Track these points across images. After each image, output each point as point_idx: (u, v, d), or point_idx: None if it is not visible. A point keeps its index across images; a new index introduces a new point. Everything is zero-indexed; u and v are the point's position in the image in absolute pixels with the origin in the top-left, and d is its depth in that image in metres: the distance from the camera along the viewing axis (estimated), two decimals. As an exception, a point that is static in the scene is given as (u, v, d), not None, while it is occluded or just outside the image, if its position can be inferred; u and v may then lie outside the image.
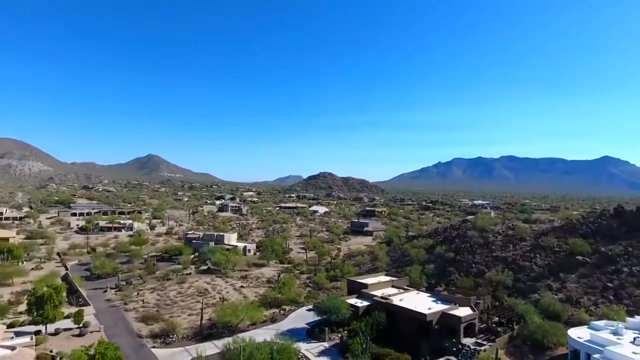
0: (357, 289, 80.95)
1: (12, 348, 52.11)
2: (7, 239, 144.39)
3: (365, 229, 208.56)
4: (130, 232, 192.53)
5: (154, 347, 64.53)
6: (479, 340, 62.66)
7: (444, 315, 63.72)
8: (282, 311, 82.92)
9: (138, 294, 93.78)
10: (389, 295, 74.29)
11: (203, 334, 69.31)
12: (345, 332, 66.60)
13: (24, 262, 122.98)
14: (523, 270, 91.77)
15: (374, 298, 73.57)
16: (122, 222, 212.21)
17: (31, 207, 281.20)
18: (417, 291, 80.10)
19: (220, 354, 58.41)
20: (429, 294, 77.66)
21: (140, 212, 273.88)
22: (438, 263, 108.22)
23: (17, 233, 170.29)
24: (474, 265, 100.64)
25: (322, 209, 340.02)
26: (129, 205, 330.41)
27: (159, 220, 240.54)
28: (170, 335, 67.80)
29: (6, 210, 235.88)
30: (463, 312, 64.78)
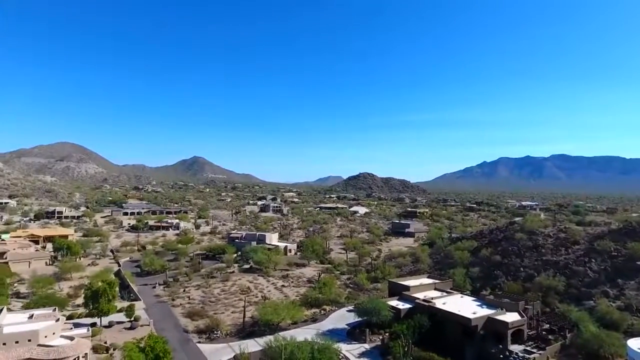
0: (398, 291, 79.77)
1: (71, 338, 55.63)
2: (66, 236, 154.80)
3: (407, 230, 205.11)
4: (177, 231, 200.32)
5: (199, 342, 66.72)
6: (528, 348, 59.79)
7: (490, 320, 61.41)
8: (322, 311, 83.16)
9: (184, 290, 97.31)
10: (432, 298, 72.58)
11: (245, 331, 70.82)
12: (387, 334, 65.74)
13: (81, 258, 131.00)
14: (576, 276, 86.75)
15: (416, 301, 72.17)
16: (169, 221, 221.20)
17: (87, 207, 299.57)
18: (461, 295, 77.74)
19: (262, 351, 59.37)
20: (474, 298, 75.14)
21: (186, 212, 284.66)
22: (483, 266, 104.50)
23: (75, 231, 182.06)
24: (522, 269, 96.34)
25: (362, 210, 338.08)
26: (176, 205, 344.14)
27: (204, 220, 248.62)
28: (215, 332, 69.83)
29: (65, 210, 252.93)
30: (510, 317, 62.15)
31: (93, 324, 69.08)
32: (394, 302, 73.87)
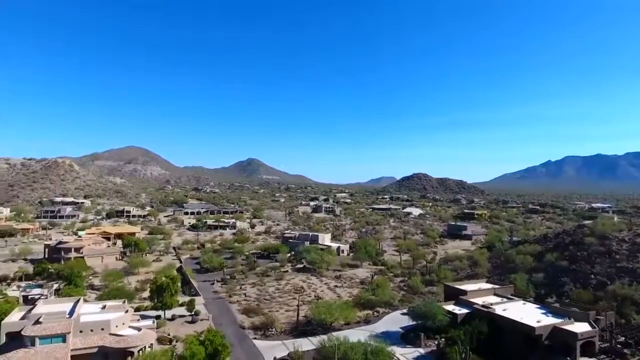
0: (454, 295, 77.10)
1: (139, 329, 59.45)
2: (134, 234, 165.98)
3: (464, 232, 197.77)
4: (234, 231, 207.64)
5: (255, 338, 68.62)
6: (600, 362, 55.38)
7: (556, 329, 57.55)
8: (375, 313, 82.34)
9: (241, 288, 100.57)
10: (491, 304, 69.34)
11: (299, 329, 71.79)
12: (442, 339, 63.73)
13: (147, 255, 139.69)
14: (657, 285, 78.88)
15: (474, 306, 69.32)
16: (226, 221, 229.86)
17: (152, 207, 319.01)
18: (523, 301, 73.57)
19: (315, 350, 59.91)
20: (538, 305, 70.82)
21: (242, 212, 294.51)
22: (548, 272, 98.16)
23: (142, 229, 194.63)
24: (592, 276, 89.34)
25: (416, 211, 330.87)
26: (232, 205, 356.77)
27: (259, 220, 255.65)
28: (270, 329, 71.47)
29: (133, 209, 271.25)
30: (580, 328, 57.85)
31: (158, 317, 73.31)
32: (450, 307, 71.47)
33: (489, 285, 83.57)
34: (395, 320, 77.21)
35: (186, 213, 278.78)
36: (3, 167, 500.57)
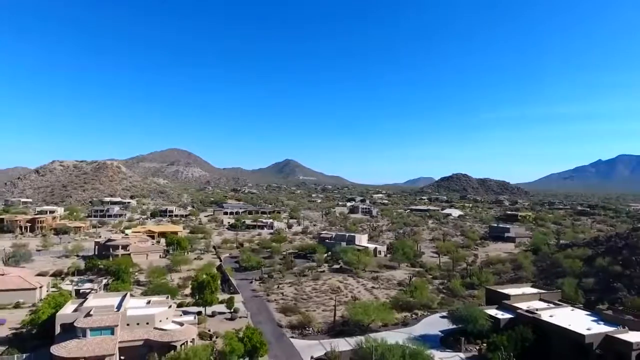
0: (497, 300, 74.41)
1: (181, 324, 61.49)
2: (176, 233, 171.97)
3: (506, 234, 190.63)
4: (271, 230, 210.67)
5: (292, 337, 69.18)
6: (659, 374, 51.57)
7: (608, 338, 54.19)
8: (413, 315, 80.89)
9: (278, 287, 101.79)
10: (537, 309, 66.31)
11: (336, 329, 71.70)
12: (484, 344, 61.63)
13: (188, 253, 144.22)
14: None
15: (518, 311, 66.58)
16: (264, 221, 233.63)
17: (193, 207, 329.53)
18: (571, 307, 69.91)
19: (352, 351, 59.58)
20: (588, 312, 67.08)
21: (279, 212, 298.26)
22: (599, 277, 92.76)
23: (183, 228, 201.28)
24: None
25: (456, 212, 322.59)
26: (270, 205, 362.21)
27: (296, 220, 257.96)
28: (307, 328, 71.84)
29: (175, 209, 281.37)
30: (635, 337, 54.16)
31: (199, 313, 75.50)
32: (492, 311, 69.03)
33: (534, 290, 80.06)
34: (434, 323, 75.51)
35: (225, 213, 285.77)
36: (58, 169, 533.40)
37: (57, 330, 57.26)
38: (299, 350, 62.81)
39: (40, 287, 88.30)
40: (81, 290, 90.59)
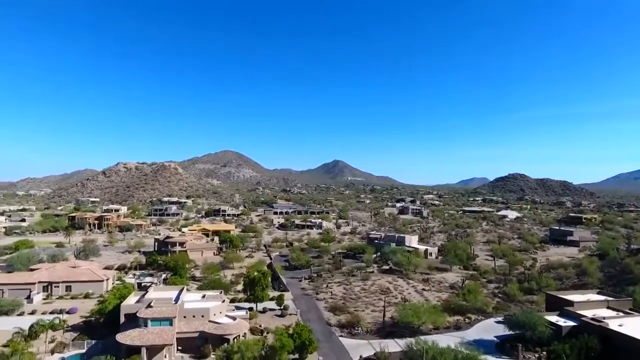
0: (558, 306, 70.07)
1: (234, 318, 63.65)
2: (229, 231, 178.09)
3: (569, 238, 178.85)
4: (320, 230, 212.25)
5: (341, 336, 69.27)
6: None
7: (689, 352, 49.30)
8: (466, 319, 78.08)
9: (327, 286, 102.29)
10: (604, 318, 61.67)
11: (385, 330, 70.87)
12: (544, 352, 58.27)
13: (240, 251, 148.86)
14: None
15: (582, 319, 62.30)
16: (313, 221, 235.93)
17: (245, 206, 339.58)
18: (645, 317, 64.25)
19: (402, 352, 58.59)
20: (664, 323, 61.25)
21: (327, 213, 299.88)
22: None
23: (235, 227, 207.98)
24: None
25: (512, 214, 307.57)
26: (318, 206, 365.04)
27: (344, 220, 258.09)
28: (356, 327, 71.62)
29: (228, 209, 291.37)
30: None
31: (250, 309, 77.68)
32: (553, 318, 65.07)
33: (601, 297, 74.55)
34: (489, 329, 72.46)
35: (275, 213, 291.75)
36: (122, 170, 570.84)
37: (122, 319, 61.34)
38: (347, 349, 62.78)
39: (107, 280, 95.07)
40: (142, 284, 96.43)
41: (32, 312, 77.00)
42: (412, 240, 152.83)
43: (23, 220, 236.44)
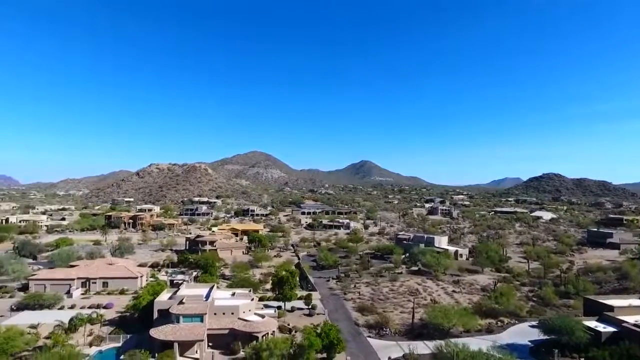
0: (597, 311, 67.22)
1: (262, 316, 64.38)
2: (257, 231, 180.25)
3: (609, 240, 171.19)
4: (347, 231, 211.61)
5: (369, 336, 68.80)
6: None
7: None
8: (499, 323, 75.97)
9: (355, 286, 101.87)
10: (647, 324, 58.61)
11: (414, 332, 69.89)
12: (582, 359, 55.95)
13: (269, 250, 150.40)
14: None
15: (623, 324, 59.45)
16: (340, 221, 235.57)
17: (273, 207, 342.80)
18: (693, 324, 60.59)
19: (432, 354, 57.67)
20: None
21: (355, 213, 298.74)
22: None
23: (264, 226, 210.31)
24: None
25: (547, 215, 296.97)
26: (346, 206, 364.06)
27: (372, 221, 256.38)
28: (384, 328, 70.97)
29: (256, 209, 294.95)
30: None
31: (279, 307, 78.36)
32: (591, 323, 62.44)
33: (644, 302, 70.83)
34: (523, 333, 70.21)
35: (303, 213, 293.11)
36: (154, 171, 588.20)
37: (155, 315, 63.19)
38: (375, 350, 62.27)
39: (141, 277, 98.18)
40: (174, 281, 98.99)
41: (72, 307, 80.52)
42: (442, 241, 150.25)
43: (63, 219, 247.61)
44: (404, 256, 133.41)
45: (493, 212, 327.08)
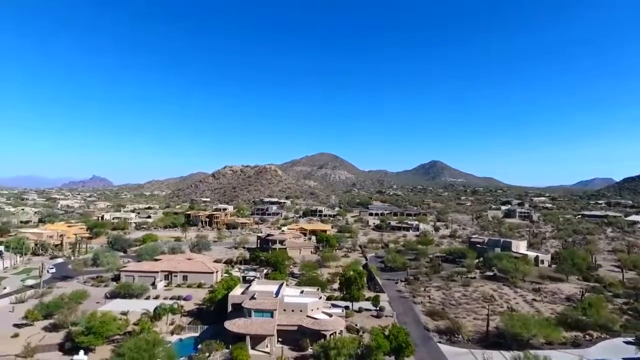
0: None
1: (330, 315, 64.90)
2: (325, 231, 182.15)
3: None
4: (417, 232, 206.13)
5: (439, 342, 66.38)
6: None
7: None
8: (587, 336, 69.28)
9: (425, 289, 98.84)
10: None
11: (489, 340, 66.14)
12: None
13: (336, 250, 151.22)
14: None
15: None
16: (409, 222, 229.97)
17: (340, 207, 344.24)
18: None
19: (509, 366, 54.16)
20: None
21: (425, 215, 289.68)
22: None
23: (331, 227, 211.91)
24: None
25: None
26: (415, 207, 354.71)
27: (443, 223, 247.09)
28: (456, 335, 68.05)
29: (324, 209, 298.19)
30: None
31: (346, 307, 78.51)
32: (703, 343, 54.58)
33: None
34: (616, 349, 63.39)
35: (371, 214, 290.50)
36: (228, 173, 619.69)
37: (229, 308, 66.45)
38: (447, 356, 59.95)
39: (216, 272, 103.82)
40: (247, 277, 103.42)
41: (156, 297, 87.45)
42: (520, 246, 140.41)
43: (149, 217, 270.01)
44: (477, 260, 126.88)
45: (580, 216, 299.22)
